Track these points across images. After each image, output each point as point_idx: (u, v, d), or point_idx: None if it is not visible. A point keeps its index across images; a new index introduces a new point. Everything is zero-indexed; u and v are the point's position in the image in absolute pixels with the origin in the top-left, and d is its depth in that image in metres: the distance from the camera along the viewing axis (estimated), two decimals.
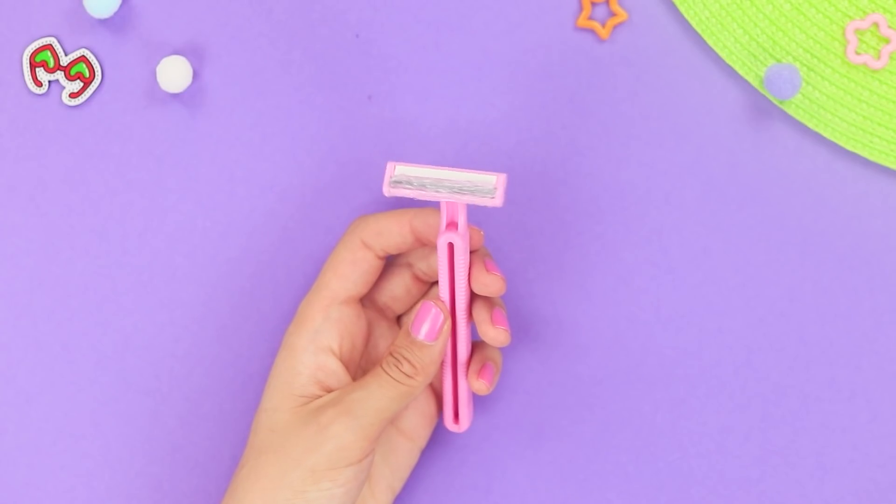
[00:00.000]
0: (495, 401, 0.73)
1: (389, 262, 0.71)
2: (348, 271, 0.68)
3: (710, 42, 0.73)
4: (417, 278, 0.71)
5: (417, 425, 0.70)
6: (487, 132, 0.74)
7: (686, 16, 0.73)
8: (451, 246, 0.66)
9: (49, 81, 0.74)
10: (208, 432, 0.73)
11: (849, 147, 0.72)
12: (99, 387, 0.74)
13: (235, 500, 0.65)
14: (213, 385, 0.73)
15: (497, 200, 0.64)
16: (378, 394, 0.65)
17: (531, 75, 0.74)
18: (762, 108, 0.74)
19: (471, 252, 0.67)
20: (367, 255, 0.69)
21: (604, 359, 0.73)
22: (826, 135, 0.73)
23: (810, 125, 0.73)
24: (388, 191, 0.65)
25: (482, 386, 0.68)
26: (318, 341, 0.67)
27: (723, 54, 0.73)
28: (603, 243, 0.73)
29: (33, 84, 0.74)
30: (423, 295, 0.71)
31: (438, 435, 0.73)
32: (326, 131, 0.74)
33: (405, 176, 0.65)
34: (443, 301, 0.67)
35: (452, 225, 0.66)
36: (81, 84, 0.74)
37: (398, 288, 0.71)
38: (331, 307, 0.68)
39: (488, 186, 0.65)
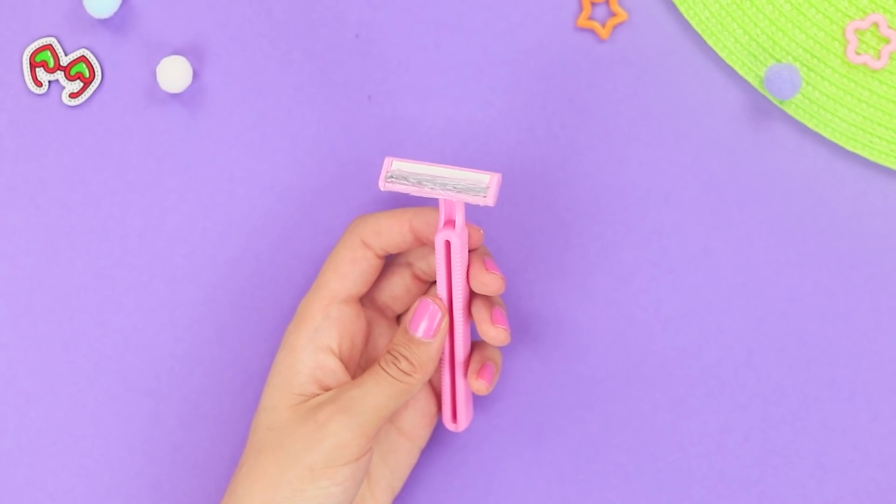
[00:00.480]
0: (495, 401, 0.73)
1: (389, 262, 0.71)
2: (348, 270, 0.68)
3: (710, 42, 0.73)
4: (417, 277, 0.71)
5: (417, 425, 0.70)
6: (487, 132, 0.74)
7: (686, 16, 0.73)
8: (447, 244, 0.66)
9: (49, 81, 0.74)
10: (208, 432, 0.73)
11: (849, 147, 0.72)
12: (99, 387, 0.73)
13: (235, 500, 0.65)
14: (213, 385, 0.73)
15: (489, 200, 0.64)
16: (376, 391, 0.65)
17: (531, 75, 0.74)
18: (762, 108, 0.73)
19: (470, 251, 0.67)
20: (367, 255, 0.68)
21: (604, 359, 0.73)
22: (826, 135, 0.73)
23: (810, 125, 0.73)
24: (383, 185, 0.65)
25: (481, 386, 0.68)
26: (317, 340, 0.67)
27: (723, 54, 0.73)
28: (603, 243, 0.73)
29: (33, 84, 0.74)
30: (423, 294, 0.71)
31: (438, 435, 0.73)
32: (326, 131, 0.74)
33: (401, 172, 0.66)
34: (440, 299, 0.67)
35: (450, 223, 0.66)
36: (81, 84, 0.74)
37: (398, 287, 0.71)
38: (330, 306, 0.68)
39: (481, 185, 0.65)
